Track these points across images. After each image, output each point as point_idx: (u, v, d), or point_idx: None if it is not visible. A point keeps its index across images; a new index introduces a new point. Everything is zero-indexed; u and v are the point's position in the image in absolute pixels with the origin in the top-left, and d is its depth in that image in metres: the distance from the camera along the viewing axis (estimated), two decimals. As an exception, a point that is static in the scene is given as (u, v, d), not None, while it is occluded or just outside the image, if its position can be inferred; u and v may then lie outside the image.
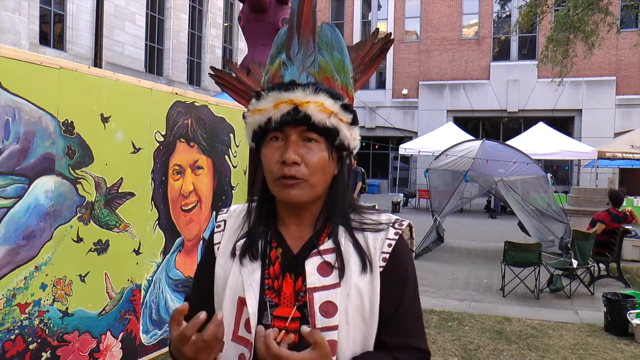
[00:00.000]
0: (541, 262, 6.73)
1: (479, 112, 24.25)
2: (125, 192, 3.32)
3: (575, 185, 19.75)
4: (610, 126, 22.05)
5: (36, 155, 2.74)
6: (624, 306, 5.27)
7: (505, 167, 9.16)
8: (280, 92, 1.02)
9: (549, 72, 17.13)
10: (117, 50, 17.70)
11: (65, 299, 2.94)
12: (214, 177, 4.19)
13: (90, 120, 3.06)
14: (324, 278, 1.05)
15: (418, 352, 1.08)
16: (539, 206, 9.41)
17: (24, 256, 2.69)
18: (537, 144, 14.83)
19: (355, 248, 1.07)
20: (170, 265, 3.78)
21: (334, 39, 1.07)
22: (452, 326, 5.42)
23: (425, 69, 25.25)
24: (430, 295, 6.62)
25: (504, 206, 16.17)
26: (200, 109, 4.00)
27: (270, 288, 1.08)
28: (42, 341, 2.81)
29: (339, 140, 1.05)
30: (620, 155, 14.46)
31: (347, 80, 1.09)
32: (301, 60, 1.04)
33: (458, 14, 24.96)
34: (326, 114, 1.02)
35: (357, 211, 1.13)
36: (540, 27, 20.02)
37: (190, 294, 1.21)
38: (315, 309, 1.03)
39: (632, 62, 22.02)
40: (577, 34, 13.09)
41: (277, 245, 1.11)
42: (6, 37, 13.33)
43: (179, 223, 3.84)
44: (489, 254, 9.77)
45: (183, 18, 21.26)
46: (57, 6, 15.99)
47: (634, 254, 9.23)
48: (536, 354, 4.71)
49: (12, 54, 2.61)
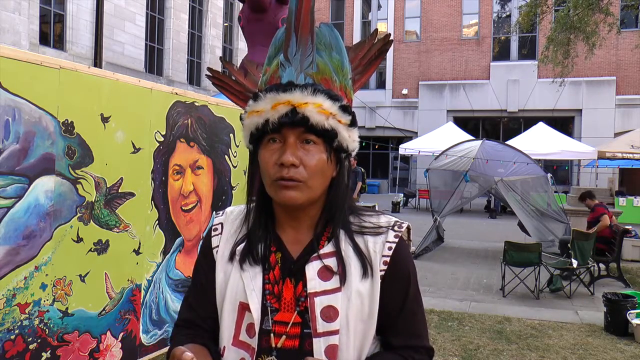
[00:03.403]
0: (541, 262, 6.73)
1: (479, 112, 24.25)
2: (125, 192, 3.32)
3: (575, 185, 19.73)
4: (610, 126, 22.05)
5: (36, 155, 2.74)
6: (624, 306, 5.27)
7: (505, 167, 9.17)
8: (278, 93, 1.01)
9: (549, 72, 17.15)
10: (117, 50, 17.70)
11: (65, 299, 2.94)
12: (214, 177, 4.19)
13: (90, 120, 3.06)
14: (324, 282, 1.05)
15: (423, 350, 1.10)
16: (539, 206, 9.41)
17: (24, 256, 2.69)
18: (537, 144, 14.83)
19: (355, 252, 1.07)
20: (170, 265, 3.78)
21: (332, 40, 1.06)
22: (452, 326, 5.42)
23: (425, 69, 25.25)
24: (430, 295, 6.62)
25: (504, 206, 16.17)
26: (200, 109, 4.00)
27: (271, 293, 1.07)
28: (42, 341, 2.81)
29: (337, 142, 1.04)
30: (620, 155, 14.47)
31: (346, 81, 1.08)
32: (299, 61, 1.02)
33: (458, 14, 24.95)
34: (324, 115, 1.00)
35: (356, 214, 1.12)
36: (540, 27, 20.02)
37: (189, 295, 1.20)
38: (316, 314, 1.03)
39: (632, 62, 22.01)
40: (578, 34, 13.09)
41: (276, 250, 1.10)
42: (6, 37, 13.33)
43: (179, 223, 3.84)
44: (489, 254, 9.77)
45: (183, 18, 21.26)
46: (57, 6, 15.99)
47: (634, 254, 9.23)
48: (536, 354, 4.71)
49: (12, 54, 2.61)
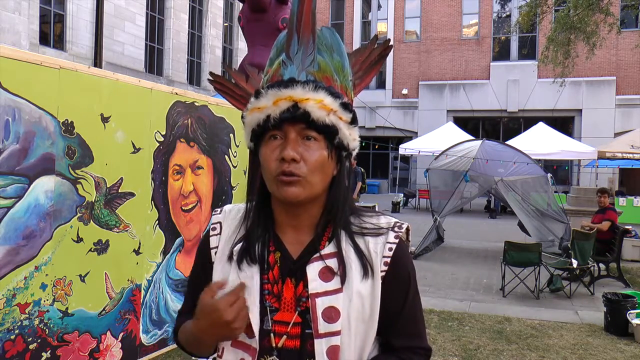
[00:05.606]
0: (541, 262, 6.73)
1: (479, 112, 24.24)
2: (125, 192, 3.32)
3: (575, 185, 19.73)
4: (610, 126, 22.05)
5: (36, 155, 2.74)
6: (624, 306, 5.27)
7: (505, 167, 9.16)
8: (279, 89, 1.01)
9: (549, 72, 17.14)
10: (117, 50, 17.70)
11: (65, 299, 2.94)
12: (214, 177, 4.19)
13: (90, 120, 3.06)
14: (325, 283, 1.05)
15: (422, 350, 1.12)
16: (539, 206, 9.41)
17: (24, 256, 2.69)
18: (537, 144, 14.83)
19: (356, 253, 1.07)
20: (170, 265, 3.78)
21: (333, 42, 1.07)
22: (452, 326, 5.42)
23: (425, 69, 25.24)
24: (430, 295, 6.62)
25: (504, 206, 16.17)
26: (200, 109, 4.00)
27: (270, 293, 1.07)
28: (42, 341, 2.81)
29: (338, 139, 1.05)
30: (620, 155, 14.46)
31: (347, 82, 1.09)
32: (301, 59, 1.03)
33: (458, 14, 24.95)
34: (325, 111, 1.01)
35: (357, 214, 1.13)
36: (540, 27, 20.02)
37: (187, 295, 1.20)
38: (318, 315, 1.03)
39: (632, 62, 22.02)
40: (578, 35, 13.08)
41: (275, 249, 1.10)
42: (6, 37, 13.33)
43: (179, 223, 3.84)
44: (489, 254, 9.77)
45: (183, 18, 21.26)
46: (57, 6, 15.99)
47: (634, 254, 9.23)
48: (536, 354, 4.71)
49: (12, 54, 2.61)
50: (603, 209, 8.02)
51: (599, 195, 8.14)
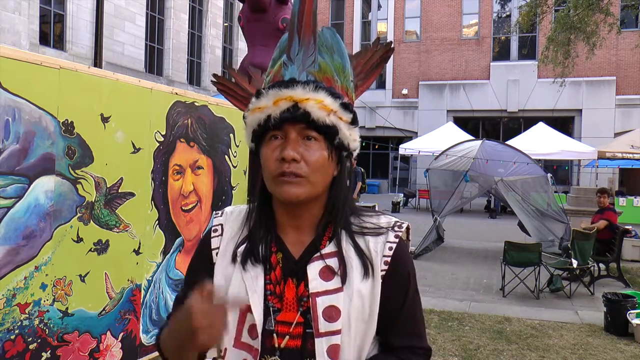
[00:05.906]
0: (541, 262, 6.73)
1: (479, 112, 24.25)
2: (125, 192, 3.32)
3: (575, 185, 19.74)
4: (610, 126, 22.05)
5: (36, 155, 2.74)
6: (624, 306, 5.27)
7: (505, 167, 9.17)
8: (280, 90, 1.02)
9: (549, 72, 17.14)
10: (117, 50, 17.70)
11: (65, 299, 2.94)
12: (214, 177, 4.19)
13: (90, 120, 3.06)
14: (326, 282, 1.05)
15: (421, 350, 1.12)
16: (539, 206, 9.41)
17: (24, 256, 2.69)
18: (537, 144, 14.83)
19: (356, 252, 1.07)
20: (170, 265, 3.78)
21: (334, 43, 1.08)
22: (452, 326, 5.42)
23: (425, 69, 25.25)
24: (430, 295, 6.62)
25: (504, 206, 16.17)
26: (200, 109, 4.00)
27: (272, 293, 1.07)
28: (42, 341, 2.81)
29: (338, 140, 1.05)
30: (620, 155, 14.47)
31: (347, 83, 1.09)
32: (301, 60, 1.04)
33: (458, 14, 24.96)
34: (326, 111, 1.02)
35: (357, 214, 1.13)
36: (540, 27, 20.02)
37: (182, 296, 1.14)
38: (318, 314, 1.03)
39: (632, 62, 22.02)
40: (578, 35, 13.09)
41: (277, 250, 1.10)
42: (6, 37, 13.33)
43: (179, 223, 3.84)
44: (489, 254, 9.77)
45: (183, 18, 21.26)
46: (57, 6, 15.99)
47: (634, 254, 9.23)
48: (536, 354, 4.71)
49: (12, 54, 2.61)
50: (602, 209, 8.02)
51: (599, 195, 8.13)
